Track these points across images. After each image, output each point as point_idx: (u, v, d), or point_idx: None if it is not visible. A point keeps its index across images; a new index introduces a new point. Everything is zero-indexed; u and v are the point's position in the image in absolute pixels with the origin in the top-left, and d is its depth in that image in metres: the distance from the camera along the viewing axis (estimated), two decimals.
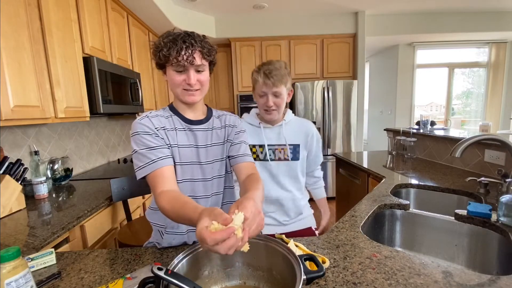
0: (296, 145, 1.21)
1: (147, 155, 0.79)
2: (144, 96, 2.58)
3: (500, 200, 0.96)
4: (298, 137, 1.21)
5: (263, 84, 1.08)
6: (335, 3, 3.36)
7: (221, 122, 0.96)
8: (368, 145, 5.68)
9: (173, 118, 0.88)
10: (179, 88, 0.83)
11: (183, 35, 0.80)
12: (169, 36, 0.79)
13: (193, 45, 0.79)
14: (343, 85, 3.55)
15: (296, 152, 1.21)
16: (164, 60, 0.80)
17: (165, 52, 0.78)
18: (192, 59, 0.79)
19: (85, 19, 1.75)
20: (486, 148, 1.58)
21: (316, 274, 0.56)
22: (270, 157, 1.19)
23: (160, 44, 0.79)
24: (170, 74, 0.82)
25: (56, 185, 1.71)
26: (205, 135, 0.91)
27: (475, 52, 4.73)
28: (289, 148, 1.19)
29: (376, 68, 5.37)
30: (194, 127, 0.90)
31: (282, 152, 1.19)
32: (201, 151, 0.90)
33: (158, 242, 0.94)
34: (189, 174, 0.88)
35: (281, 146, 1.19)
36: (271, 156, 1.19)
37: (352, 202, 2.15)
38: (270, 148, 1.19)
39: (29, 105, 1.27)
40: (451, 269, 0.70)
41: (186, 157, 0.87)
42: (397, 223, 1.21)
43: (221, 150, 0.94)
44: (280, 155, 1.19)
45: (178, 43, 0.77)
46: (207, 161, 0.91)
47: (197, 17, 3.47)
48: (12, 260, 0.58)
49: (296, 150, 1.21)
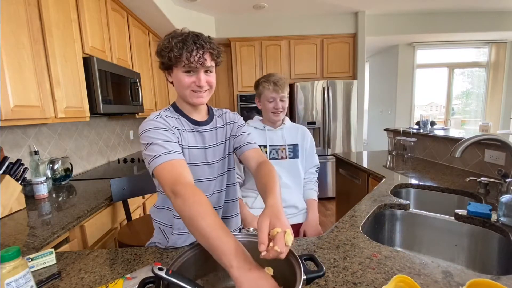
0: (295, 144, 1.36)
1: (164, 145, 0.74)
2: (144, 96, 2.58)
3: (500, 200, 0.96)
4: (296, 138, 1.38)
5: (273, 91, 1.27)
6: (335, 3, 3.36)
7: (222, 120, 0.97)
8: (368, 145, 5.68)
9: (181, 119, 0.88)
10: (188, 90, 0.82)
11: (192, 35, 0.79)
12: (178, 37, 0.78)
13: (204, 46, 0.78)
14: (343, 85, 3.55)
15: (296, 151, 1.36)
16: (174, 61, 0.79)
17: (176, 53, 0.76)
18: (204, 61, 0.79)
19: (85, 19, 1.75)
20: (486, 148, 1.58)
21: (316, 274, 0.56)
22: (274, 156, 1.33)
23: (170, 44, 0.77)
24: (178, 76, 0.81)
25: (56, 185, 1.71)
26: (211, 135, 0.92)
27: (475, 52, 4.73)
28: (289, 148, 1.35)
29: (376, 68, 5.37)
30: (201, 128, 0.90)
31: (284, 151, 1.34)
32: (209, 151, 0.90)
33: (160, 243, 0.93)
34: (197, 175, 0.88)
35: (282, 146, 1.35)
36: (274, 155, 1.33)
37: (352, 202, 2.15)
38: (273, 148, 1.34)
39: (29, 105, 1.27)
40: (451, 269, 0.70)
41: (196, 158, 0.87)
42: (397, 223, 1.21)
43: (224, 148, 0.95)
44: (282, 154, 1.34)
45: (189, 44, 0.76)
46: (214, 161, 0.91)
47: (197, 17, 3.47)
48: (12, 260, 0.57)
49: (295, 149, 1.36)
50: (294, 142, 1.36)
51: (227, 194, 0.98)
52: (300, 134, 1.39)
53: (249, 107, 3.74)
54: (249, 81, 3.77)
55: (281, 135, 1.35)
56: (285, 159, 1.33)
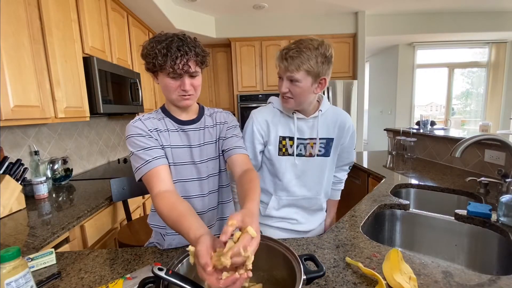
0: (329, 139, 1.06)
1: (141, 156, 0.79)
2: (144, 96, 2.58)
3: (500, 200, 0.96)
4: (332, 130, 1.06)
5: (279, 66, 0.94)
6: (335, 3, 3.36)
7: (212, 120, 0.96)
8: (368, 145, 5.68)
9: (165, 120, 0.89)
10: (174, 94, 0.83)
11: (176, 40, 0.77)
12: (162, 42, 0.77)
13: (188, 53, 0.77)
14: (343, 85, 3.55)
15: (329, 147, 1.07)
16: (159, 68, 0.79)
17: (160, 61, 0.76)
18: (188, 68, 0.78)
19: (85, 19, 1.75)
20: (486, 148, 1.58)
21: (316, 274, 0.56)
22: (301, 152, 1.05)
23: (154, 51, 0.77)
24: (163, 80, 0.81)
25: (56, 185, 1.71)
26: (197, 135, 0.91)
27: (475, 52, 4.73)
28: (320, 143, 1.05)
29: (376, 68, 5.37)
30: (186, 127, 0.90)
31: (314, 147, 1.05)
32: (195, 151, 0.90)
33: (159, 242, 0.94)
34: (183, 174, 0.88)
35: (313, 140, 1.04)
36: (301, 151, 1.05)
37: (352, 202, 2.15)
38: (301, 143, 1.04)
39: (29, 105, 1.27)
40: (451, 269, 0.70)
41: (180, 158, 0.88)
42: (397, 223, 1.21)
43: (214, 148, 0.94)
44: (312, 151, 1.05)
45: (173, 51, 0.76)
46: (201, 160, 0.91)
47: (197, 17, 3.47)
48: (12, 260, 0.57)
49: (329, 145, 1.07)
50: (329, 136, 1.06)
51: (221, 195, 0.97)
52: (339, 125, 1.07)
53: (249, 107, 3.74)
54: (249, 81, 3.77)
55: (313, 126, 1.04)
56: (313, 156, 1.06)
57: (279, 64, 0.94)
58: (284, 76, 0.93)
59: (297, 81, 0.91)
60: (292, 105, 0.99)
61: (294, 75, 0.90)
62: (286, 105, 0.99)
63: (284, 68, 0.92)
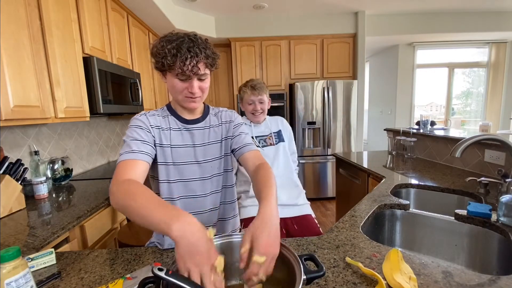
0: (278, 131, 1.55)
1: (130, 144, 0.78)
2: (144, 96, 2.58)
3: (500, 200, 0.96)
4: (277, 126, 1.57)
5: (251, 94, 1.42)
6: (335, 3, 3.36)
7: (218, 119, 0.96)
8: (368, 145, 5.68)
9: (170, 118, 0.88)
10: (181, 95, 0.82)
11: (187, 41, 0.76)
12: (173, 42, 0.76)
13: (198, 54, 0.76)
14: (343, 85, 3.55)
15: (280, 135, 1.55)
16: (167, 67, 0.78)
17: (169, 61, 0.75)
18: (197, 70, 0.77)
19: (85, 19, 1.75)
20: (486, 148, 1.58)
21: (316, 274, 0.56)
22: (263, 145, 1.50)
23: (164, 51, 0.76)
24: (171, 81, 0.81)
25: (56, 185, 1.71)
26: (202, 134, 0.91)
27: (475, 52, 4.73)
28: (274, 135, 1.53)
29: (376, 68, 5.37)
30: (191, 126, 0.90)
31: (271, 139, 1.52)
32: (199, 150, 0.90)
33: (159, 242, 0.94)
34: (185, 174, 0.88)
35: (268, 135, 1.53)
36: (263, 144, 1.51)
37: (352, 202, 2.15)
38: (262, 138, 1.51)
39: (29, 105, 1.27)
40: (451, 269, 0.70)
41: (181, 157, 0.87)
42: (397, 223, 1.21)
43: (219, 148, 0.94)
44: (270, 141, 1.52)
45: (183, 52, 0.75)
46: (205, 160, 0.90)
47: (197, 17, 3.47)
48: (12, 260, 0.57)
49: (280, 134, 1.55)
50: (276, 130, 1.55)
51: (224, 196, 0.97)
52: (279, 123, 1.58)
53: None
54: None
55: (265, 127, 1.54)
56: (273, 145, 1.51)
57: (252, 92, 1.42)
58: (257, 100, 1.44)
59: (264, 101, 1.46)
60: (262, 118, 1.51)
61: (262, 97, 1.45)
62: (258, 119, 1.49)
63: (258, 94, 1.43)
